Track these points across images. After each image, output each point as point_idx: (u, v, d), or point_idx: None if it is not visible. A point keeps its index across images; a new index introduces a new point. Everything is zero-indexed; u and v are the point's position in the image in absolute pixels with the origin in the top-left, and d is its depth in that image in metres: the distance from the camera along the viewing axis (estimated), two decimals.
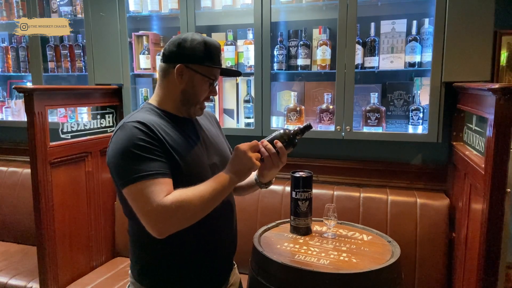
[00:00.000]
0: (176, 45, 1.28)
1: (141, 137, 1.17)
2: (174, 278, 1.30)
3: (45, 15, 2.74)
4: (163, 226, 1.14)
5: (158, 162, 1.17)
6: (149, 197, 1.12)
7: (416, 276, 2.03)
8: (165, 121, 1.28)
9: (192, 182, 1.21)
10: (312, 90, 2.34)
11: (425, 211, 2.04)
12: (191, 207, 1.15)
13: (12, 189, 2.85)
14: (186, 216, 1.16)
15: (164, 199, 1.12)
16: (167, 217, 1.13)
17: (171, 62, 1.28)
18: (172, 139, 1.24)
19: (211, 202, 1.19)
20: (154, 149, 1.18)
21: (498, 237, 1.38)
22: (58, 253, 2.15)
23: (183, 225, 1.17)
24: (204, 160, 1.32)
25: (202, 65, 1.27)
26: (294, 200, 1.75)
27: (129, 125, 1.19)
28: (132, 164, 1.15)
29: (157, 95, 1.35)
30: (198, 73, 1.28)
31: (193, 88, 1.29)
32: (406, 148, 2.27)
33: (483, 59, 1.88)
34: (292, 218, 1.77)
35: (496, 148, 1.33)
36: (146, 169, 1.14)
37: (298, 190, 1.73)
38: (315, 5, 2.25)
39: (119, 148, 1.17)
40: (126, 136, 1.17)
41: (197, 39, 1.27)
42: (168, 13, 2.45)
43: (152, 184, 1.13)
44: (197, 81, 1.28)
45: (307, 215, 1.75)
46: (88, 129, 2.44)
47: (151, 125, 1.20)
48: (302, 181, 1.73)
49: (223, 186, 1.21)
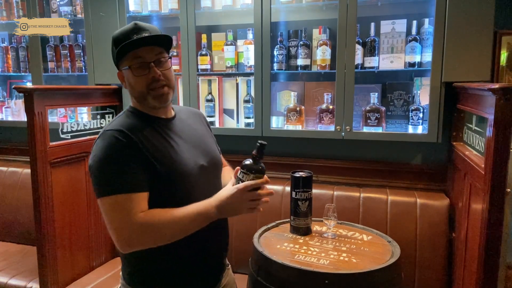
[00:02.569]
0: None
1: (119, 148, 1.15)
2: (164, 280, 1.28)
3: (45, 15, 2.74)
4: (129, 244, 1.15)
5: (135, 175, 1.15)
6: (121, 213, 1.12)
7: (416, 276, 2.03)
8: (146, 124, 1.25)
9: (176, 187, 1.21)
10: (312, 90, 2.34)
11: (425, 211, 2.04)
12: (161, 232, 1.15)
13: (12, 189, 2.85)
14: (154, 239, 1.16)
15: (136, 218, 1.12)
16: (134, 236, 1.13)
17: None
18: (152, 145, 1.21)
19: (183, 232, 1.18)
20: (132, 160, 1.15)
21: (498, 237, 1.38)
22: (58, 253, 2.15)
23: (149, 246, 1.17)
24: (190, 163, 1.27)
25: (121, 60, 1.26)
26: (294, 200, 1.75)
27: (108, 133, 1.18)
28: (109, 176, 1.14)
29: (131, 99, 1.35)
30: (125, 70, 1.26)
31: (130, 86, 1.27)
32: (406, 148, 2.27)
33: (483, 59, 1.88)
34: (292, 218, 1.77)
35: (496, 148, 1.33)
36: (122, 183, 1.13)
37: (298, 190, 1.73)
38: (315, 5, 2.25)
39: (97, 158, 1.16)
40: (105, 146, 1.16)
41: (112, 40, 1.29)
42: (168, 13, 2.45)
43: (126, 200, 1.12)
44: (128, 78, 1.26)
45: (307, 215, 1.75)
46: (88, 129, 2.44)
47: (130, 134, 1.18)
48: (302, 181, 1.73)
49: (202, 220, 1.18)
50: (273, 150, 2.50)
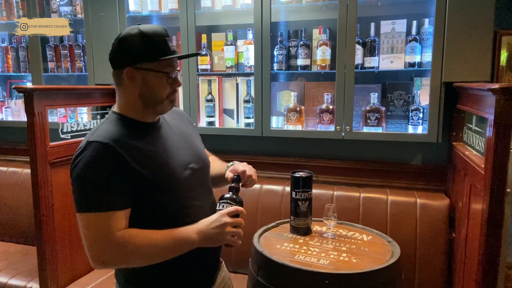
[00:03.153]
0: (117, 47, 1.18)
1: (103, 163, 1.11)
2: (159, 282, 1.26)
3: (45, 15, 2.74)
4: (101, 262, 1.13)
5: (117, 192, 1.12)
6: (98, 231, 1.10)
7: (416, 276, 2.03)
8: (131, 131, 1.20)
9: (167, 192, 1.20)
10: (312, 90, 2.34)
11: (425, 211, 2.04)
12: (136, 255, 1.14)
13: (12, 189, 2.85)
14: (128, 261, 1.15)
15: (113, 237, 1.10)
16: (108, 256, 1.12)
17: (118, 67, 1.20)
18: (140, 153, 1.17)
19: (160, 257, 1.17)
20: (115, 177, 1.11)
21: (498, 237, 1.38)
22: (58, 253, 2.15)
23: (123, 266, 1.18)
24: (179, 167, 1.25)
25: (150, 60, 1.16)
26: (294, 200, 1.75)
27: (92, 145, 1.12)
28: (89, 192, 1.11)
29: (118, 104, 1.26)
30: (150, 71, 1.17)
31: (149, 89, 1.19)
32: (406, 148, 2.27)
33: (483, 59, 1.88)
34: (292, 218, 1.77)
35: (496, 148, 1.33)
36: (103, 201, 1.10)
37: (298, 190, 1.73)
38: (315, 5, 2.25)
39: (80, 170, 1.11)
40: (88, 159, 1.11)
41: (134, 33, 1.16)
42: (168, 13, 2.45)
43: (105, 218, 1.10)
44: (151, 80, 1.18)
45: (307, 215, 1.75)
46: (88, 129, 2.44)
47: (116, 146, 1.12)
48: (302, 181, 1.73)
49: (181, 247, 1.17)
50: (273, 150, 2.51)
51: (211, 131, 2.41)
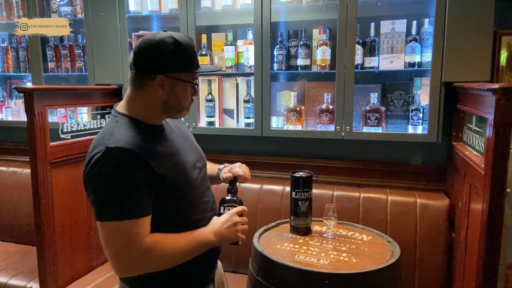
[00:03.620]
0: (149, 53, 1.16)
1: (128, 170, 1.10)
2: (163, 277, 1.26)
3: (45, 15, 2.74)
4: (128, 270, 1.16)
5: (142, 199, 1.12)
6: (125, 240, 1.10)
7: (416, 276, 2.03)
8: (146, 135, 1.20)
9: (184, 192, 1.25)
10: (312, 90, 2.34)
11: (425, 211, 2.04)
12: (162, 260, 1.17)
13: (12, 189, 2.85)
14: (154, 267, 1.18)
15: (140, 245, 1.11)
16: (136, 264, 1.14)
17: (147, 73, 1.18)
18: (159, 157, 1.19)
19: (183, 259, 1.21)
20: (140, 184, 1.11)
21: (498, 237, 1.38)
22: (58, 253, 2.15)
23: (147, 272, 1.18)
24: (189, 168, 1.29)
25: (183, 72, 1.20)
26: (294, 200, 1.74)
27: (113, 152, 1.10)
28: (115, 199, 1.09)
29: (132, 107, 1.23)
30: (181, 81, 1.20)
31: (176, 97, 1.21)
32: (406, 148, 2.27)
33: (483, 59, 1.88)
34: (292, 218, 1.77)
35: (496, 148, 1.33)
36: (129, 208, 1.10)
37: (298, 190, 1.73)
38: (315, 5, 2.25)
39: (102, 177, 1.09)
40: (111, 166, 1.09)
41: (168, 42, 1.16)
42: (168, 13, 2.45)
43: (131, 225, 1.10)
44: (180, 90, 1.21)
45: (307, 215, 1.75)
46: (88, 129, 2.44)
47: (140, 152, 1.12)
48: (302, 181, 1.73)
49: (202, 248, 1.24)
50: (273, 150, 2.51)
51: (211, 131, 2.41)
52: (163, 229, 1.20)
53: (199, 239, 1.23)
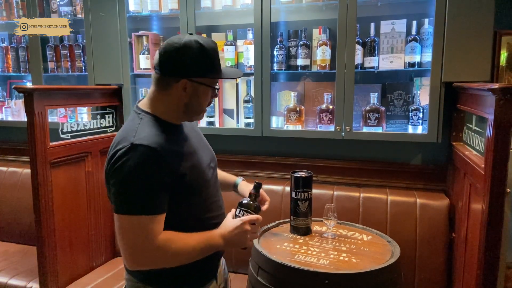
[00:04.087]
0: (175, 56, 1.20)
1: (151, 168, 1.14)
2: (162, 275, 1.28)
3: (45, 15, 2.74)
4: (140, 264, 1.20)
5: (160, 197, 1.17)
6: (140, 235, 1.14)
7: (416, 276, 2.03)
8: (168, 134, 1.24)
9: (197, 191, 1.28)
10: (312, 90, 2.34)
11: (425, 211, 2.04)
12: (174, 259, 1.22)
13: (12, 189, 2.85)
14: (165, 263, 1.22)
15: (154, 241, 1.16)
16: (148, 259, 1.18)
17: (172, 75, 1.22)
18: (180, 157, 1.24)
19: (192, 259, 1.25)
20: (161, 182, 1.16)
21: (498, 237, 1.38)
22: (58, 253, 2.15)
23: (157, 267, 1.22)
24: (205, 168, 1.35)
25: (206, 77, 1.25)
26: (294, 200, 1.75)
27: (138, 149, 1.14)
28: (135, 195, 1.14)
29: (155, 106, 1.28)
30: (203, 85, 1.25)
31: (197, 99, 1.27)
32: (406, 148, 2.27)
33: (483, 59, 1.88)
34: (292, 218, 1.77)
35: (496, 148, 1.33)
36: (148, 205, 1.15)
37: (298, 190, 1.73)
38: (315, 5, 2.25)
39: (126, 173, 1.13)
40: (135, 163, 1.13)
41: (193, 46, 1.20)
42: (168, 13, 2.45)
43: (148, 221, 1.15)
44: (201, 93, 1.26)
45: (307, 215, 1.75)
46: (88, 129, 2.44)
47: (162, 151, 1.17)
48: (302, 181, 1.73)
49: (210, 250, 1.28)
50: (273, 150, 2.51)
51: (211, 131, 2.40)
52: (177, 226, 1.23)
53: (208, 241, 1.26)
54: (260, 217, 1.35)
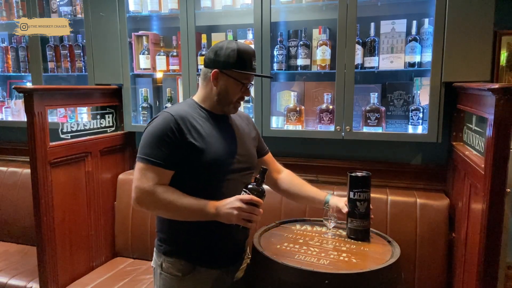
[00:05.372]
0: (214, 52, 1.47)
1: (165, 129, 1.40)
2: (188, 251, 1.50)
3: (45, 15, 2.74)
4: (137, 202, 1.43)
5: (167, 154, 1.40)
6: (143, 178, 1.40)
7: (416, 276, 2.03)
8: (201, 115, 1.50)
9: (210, 170, 1.45)
10: (312, 90, 2.34)
11: (425, 211, 2.04)
12: (162, 208, 1.44)
13: (12, 189, 2.85)
14: (156, 210, 1.49)
15: (151, 187, 1.39)
16: (142, 199, 1.42)
17: (208, 67, 1.49)
18: (201, 129, 1.45)
19: (181, 217, 1.44)
20: (170, 143, 1.40)
21: (498, 237, 1.38)
22: (58, 253, 2.15)
23: (152, 211, 1.56)
24: (228, 150, 1.51)
25: (234, 70, 1.45)
26: (351, 200, 1.66)
27: (164, 114, 1.44)
28: (149, 146, 1.41)
29: (198, 94, 1.56)
30: (231, 78, 1.47)
31: (226, 90, 1.48)
32: (406, 148, 2.27)
33: (483, 59, 1.88)
34: (350, 220, 1.68)
35: (496, 148, 1.33)
36: (154, 156, 1.40)
37: (357, 190, 1.65)
38: (315, 5, 2.25)
39: (149, 130, 1.44)
40: (157, 123, 1.43)
41: (232, 47, 1.45)
42: (168, 13, 2.45)
43: (150, 169, 1.40)
44: (230, 85, 1.48)
45: (366, 217, 1.67)
46: (88, 129, 2.44)
47: (182, 118, 1.43)
48: (361, 181, 1.66)
49: (202, 214, 1.41)
50: (273, 150, 2.49)
51: None
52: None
53: (200, 206, 1.40)
54: (255, 198, 1.39)
